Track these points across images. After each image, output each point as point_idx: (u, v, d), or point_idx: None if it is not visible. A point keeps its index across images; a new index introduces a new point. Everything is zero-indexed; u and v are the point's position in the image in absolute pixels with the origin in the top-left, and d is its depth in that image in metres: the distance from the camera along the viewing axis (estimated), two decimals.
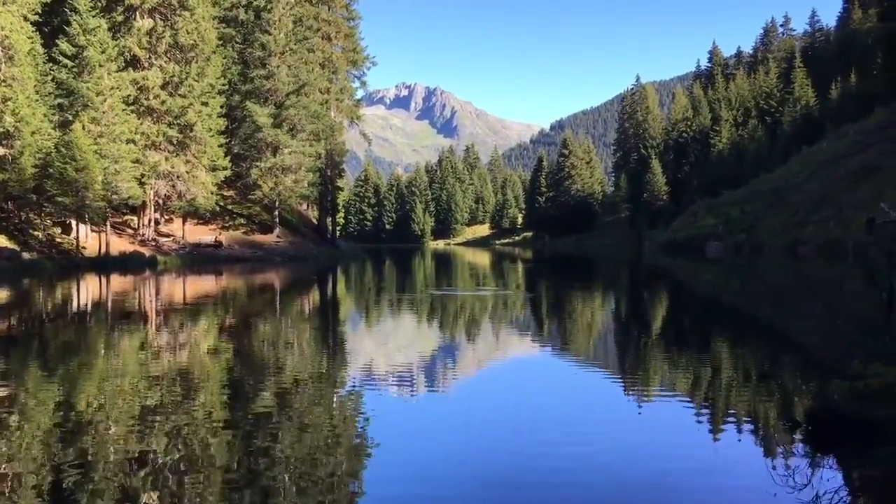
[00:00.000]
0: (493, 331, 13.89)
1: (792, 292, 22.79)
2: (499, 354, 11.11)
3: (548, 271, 39.80)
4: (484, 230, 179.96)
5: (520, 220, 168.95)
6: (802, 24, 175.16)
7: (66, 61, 38.87)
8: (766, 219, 58.85)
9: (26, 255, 35.57)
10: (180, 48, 45.42)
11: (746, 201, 66.83)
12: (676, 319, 16.57)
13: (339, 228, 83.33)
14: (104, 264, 37.21)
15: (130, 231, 47.32)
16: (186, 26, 44.85)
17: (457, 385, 8.76)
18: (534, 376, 9.32)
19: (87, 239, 40.60)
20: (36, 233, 39.15)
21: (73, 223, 39.85)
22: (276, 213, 55.27)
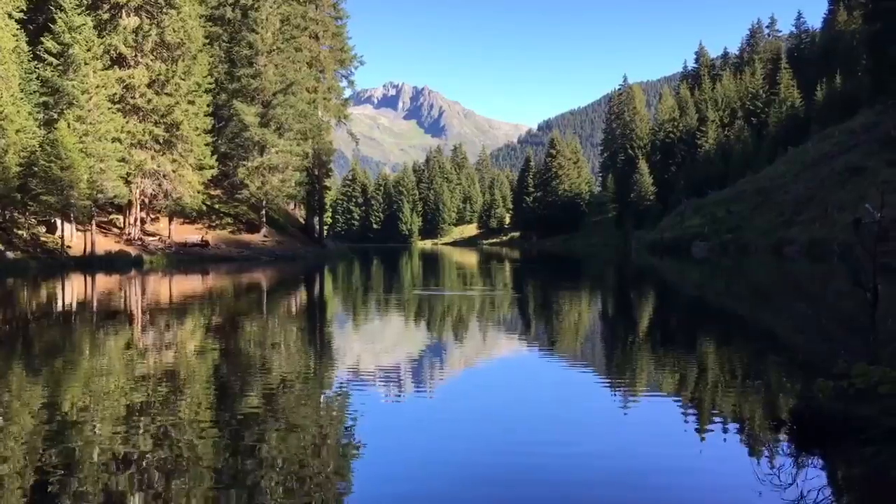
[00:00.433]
0: (480, 331, 13.90)
1: (777, 292, 22.96)
2: (486, 354, 11.12)
3: (535, 271, 39.89)
4: (471, 230, 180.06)
5: (507, 220, 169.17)
6: (788, 25, 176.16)
7: (51, 59, 38.54)
8: (753, 219, 59.30)
9: (10, 254, 35.26)
10: (167, 46, 45.17)
11: (732, 202, 67.26)
12: (662, 319, 16.65)
13: (326, 228, 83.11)
14: (89, 264, 36.91)
15: (116, 230, 47.00)
16: (173, 24, 44.61)
17: (444, 385, 8.76)
18: (521, 376, 9.34)
19: (73, 238, 40.26)
20: (20, 232, 38.77)
21: (58, 222, 39.52)
22: (263, 212, 55.10)
